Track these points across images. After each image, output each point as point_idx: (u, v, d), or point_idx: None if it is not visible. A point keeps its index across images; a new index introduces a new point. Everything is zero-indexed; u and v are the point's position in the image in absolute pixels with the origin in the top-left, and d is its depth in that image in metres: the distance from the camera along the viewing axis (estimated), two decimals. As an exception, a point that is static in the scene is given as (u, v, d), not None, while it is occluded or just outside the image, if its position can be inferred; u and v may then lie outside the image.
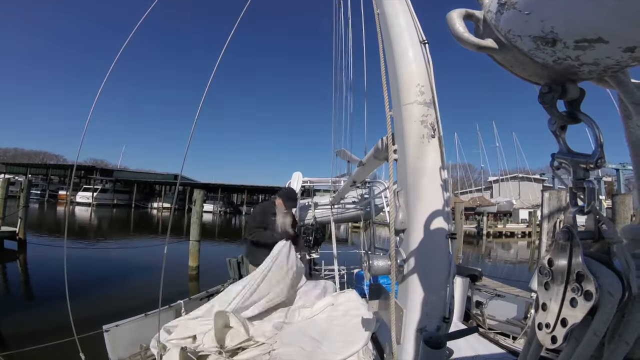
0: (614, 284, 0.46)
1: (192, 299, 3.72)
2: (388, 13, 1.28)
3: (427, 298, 1.12)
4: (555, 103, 0.51)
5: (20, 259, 11.98)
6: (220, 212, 47.30)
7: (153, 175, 60.08)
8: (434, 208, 1.15)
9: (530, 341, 0.62)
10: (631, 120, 0.53)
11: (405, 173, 1.20)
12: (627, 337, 0.47)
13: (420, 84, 1.19)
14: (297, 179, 5.27)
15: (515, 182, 46.48)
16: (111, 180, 51.00)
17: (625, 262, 0.47)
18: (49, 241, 15.62)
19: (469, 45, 0.51)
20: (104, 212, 38.40)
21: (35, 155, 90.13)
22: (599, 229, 0.51)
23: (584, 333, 0.49)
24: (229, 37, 2.28)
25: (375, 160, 1.76)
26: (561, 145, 0.54)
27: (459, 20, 0.52)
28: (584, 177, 0.51)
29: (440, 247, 1.14)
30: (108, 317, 2.55)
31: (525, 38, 0.46)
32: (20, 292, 8.92)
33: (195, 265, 10.54)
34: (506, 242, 28.31)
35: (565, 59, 0.45)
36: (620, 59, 0.43)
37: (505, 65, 0.54)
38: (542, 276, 0.56)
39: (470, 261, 16.61)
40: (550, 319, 0.53)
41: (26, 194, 13.68)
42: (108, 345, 2.47)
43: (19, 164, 59.11)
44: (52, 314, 5.60)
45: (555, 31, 0.43)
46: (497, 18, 0.48)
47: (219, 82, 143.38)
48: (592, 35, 0.41)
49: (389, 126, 1.23)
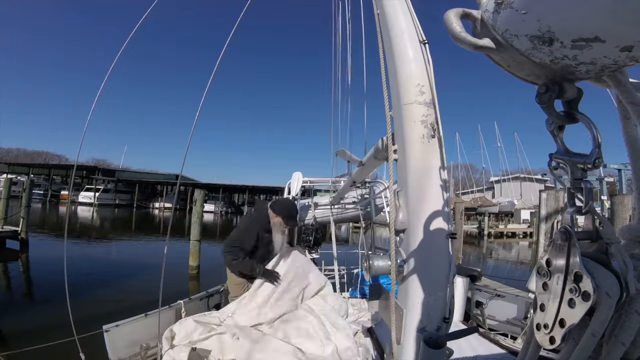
0: (611, 285, 0.46)
1: (192, 298, 3.72)
2: (388, 13, 1.28)
3: (427, 298, 1.12)
4: (552, 103, 0.51)
5: (22, 258, 12.03)
6: (222, 212, 47.36)
7: (155, 175, 60.26)
8: (434, 208, 1.15)
9: (529, 341, 0.62)
10: (629, 120, 0.53)
11: (406, 173, 1.20)
12: (623, 338, 0.47)
13: (420, 84, 1.19)
14: (297, 179, 5.27)
15: (517, 182, 46.36)
16: (113, 180, 51.15)
17: (623, 262, 0.47)
18: (51, 241, 15.68)
19: (466, 45, 0.51)
20: (106, 212, 38.52)
21: (37, 155, 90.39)
22: (596, 229, 0.51)
23: (582, 334, 0.49)
24: (228, 37, 2.28)
25: (375, 160, 1.76)
26: (559, 145, 0.54)
27: (456, 19, 0.52)
28: (581, 177, 0.51)
29: (440, 247, 1.14)
30: (108, 317, 2.55)
31: (522, 37, 0.46)
32: (21, 292, 8.95)
33: (196, 264, 10.54)
34: (507, 243, 28.23)
35: (563, 59, 0.45)
36: (617, 59, 0.42)
37: (502, 65, 0.54)
38: (540, 276, 0.56)
39: (471, 262, 16.57)
40: (548, 320, 0.53)
41: (28, 194, 13.76)
42: (108, 345, 2.47)
43: (21, 164, 59.30)
44: (52, 313, 5.61)
45: (552, 30, 0.43)
46: (494, 18, 0.48)
47: (220, 81, 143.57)
48: (589, 35, 0.40)
49: (388, 126, 1.23)
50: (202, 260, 10.66)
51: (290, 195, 5.14)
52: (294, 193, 5.17)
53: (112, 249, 15.93)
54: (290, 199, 3.69)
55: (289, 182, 5.28)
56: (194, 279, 10.07)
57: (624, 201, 8.16)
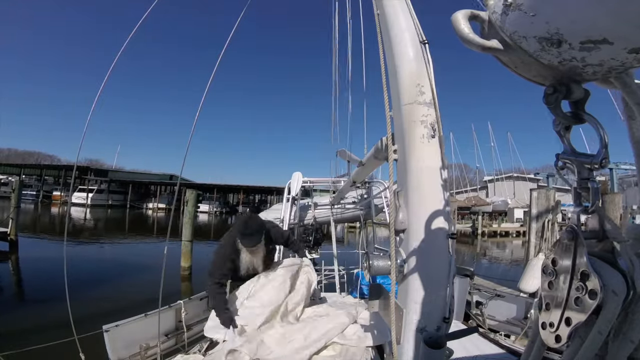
0: (618, 283, 0.47)
1: (192, 298, 3.71)
2: (388, 13, 1.28)
3: (427, 298, 1.12)
4: (559, 104, 0.52)
5: (12, 259, 11.87)
6: (216, 212, 47.11)
7: (148, 175, 59.70)
8: (434, 208, 1.15)
9: (533, 340, 0.62)
10: (635, 120, 0.54)
11: (406, 173, 1.20)
12: (632, 336, 0.47)
13: (420, 84, 1.19)
14: (297, 179, 5.26)
15: (510, 181, 46.80)
16: (106, 180, 50.60)
17: (630, 261, 0.48)
18: (42, 242, 15.47)
19: (474, 46, 0.51)
20: (99, 212, 38.10)
21: (29, 155, 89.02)
22: (603, 228, 0.51)
23: (589, 332, 0.49)
24: (228, 37, 2.27)
25: (375, 161, 1.76)
26: (566, 146, 0.54)
27: (464, 21, 0.52)
28: (588, 177, 0.51)
29: (440, 247, 1.15)
30: (108, 317, 2.53)
31: (530, 39, 0.47)
32: (13, 293, 8.82)
33: (188, 265, 10.45)
34: (501, 242, 28.47)
35: (571, 60, 0.46)
36: (625, 60, 0.43)
37: (510, 66, 0.54)
38: (546, 275, 0.57)
39: (466, 261, 16.68)
40: (554, 318, 0.54)
41: (17, 195, 13.54)
42: (108, 345, 2.46)
43: (12, 165, 58.38)
44: (52, 314, 5.55)
45: (560, 32, 0.43)
46: (503, 19, 0.48)
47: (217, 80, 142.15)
48: (597, 37, 0.41)
49: (388, 126, 1.23)
50: (196, 260, 10.59)
51: (290, 195, 5.13)
52: (293, 193, 5.16)
53: (106, 250, 15.76)
54: (253, 215, 3.12)
55: (289, 182, 5.27)
56: (186, 280, 10.00)
57: (614, 200, 8.31)
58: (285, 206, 5.02)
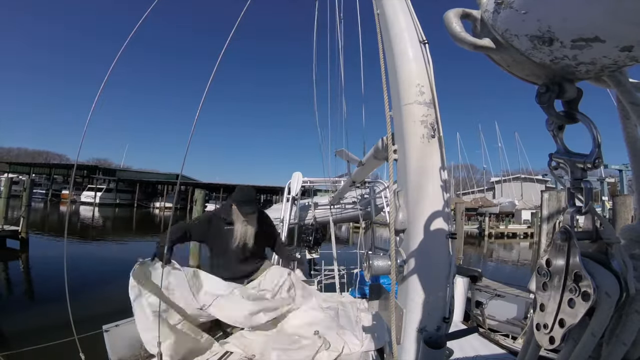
0: (611, 285, 0.46)
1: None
2: (388, 13, 1.28)
3: (427, 298, 1.12)
4: (552, 103, 0.51)
5: (22, 257, 12.07)
6: (222, 211, 47.39)
7: (155, 175, 60.24)
8: (434, 208, 1.15)
9: (528, 341, 0.62)
10: (629, 120, 0.53)
11: (406, 173, 1.19)
12: (624, 338, 0.47)
13: (420, 84, 1.19)
14: (297, 179, 5.28)
15: (518, 182, 46.29)
16: (114, 179, 51.21)
17: (623, 262, 0.47)
18: (52, 240, 15.71)
19: (465, 44, 0.51)
20: (107, 211, 38.62)
21: (38, 154, 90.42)
22: (596, 229, 0.50)
23: (582, 334, 0.49)
24: (228, 37, 2.28)
25: (375, 160, 1.76)
26: (559, 145, 0.54)
27: (456, 19, 0.52)
28: (581, 177, 0.51)
29: (440, 247, 1.14)
30: (108, 317, 2.54)
31: (522, 37, 0.46)
32: (21, 291, 8.97)
33: (196, 265, 10.56)
34: (508, 243, 28.23)
35: (563, 59, 0.45)
36: (617, 58, 0.42)
37: (502, 65, 0.54)
38: (540, 277, 0.56)
39: (472, 262, 16.57)
40: (548, 320, 0.53)
41: (28, 194, 13.82)
42: (108, 345, 2.46)
43: (22, 163, 59.32)
44: (52, 313, 5.62)
45: (552, 30, 0.43)
46: (494, 18, 0.48)
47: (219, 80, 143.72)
48: (589, 35, 0.40)
49: (388, 126, 1.23)
50: (203, 260, 10.67)
51: (290, 195, 5.14)
52: (293, 193, 5.17)
53: (112, 248, 15.96)
54: (250, 186, 3.26)
55: (289, 182, 5.29)
56: (194, 278, 10.05)
57: (625, 202, 8.15)
58: (285, 206, 5.03)
